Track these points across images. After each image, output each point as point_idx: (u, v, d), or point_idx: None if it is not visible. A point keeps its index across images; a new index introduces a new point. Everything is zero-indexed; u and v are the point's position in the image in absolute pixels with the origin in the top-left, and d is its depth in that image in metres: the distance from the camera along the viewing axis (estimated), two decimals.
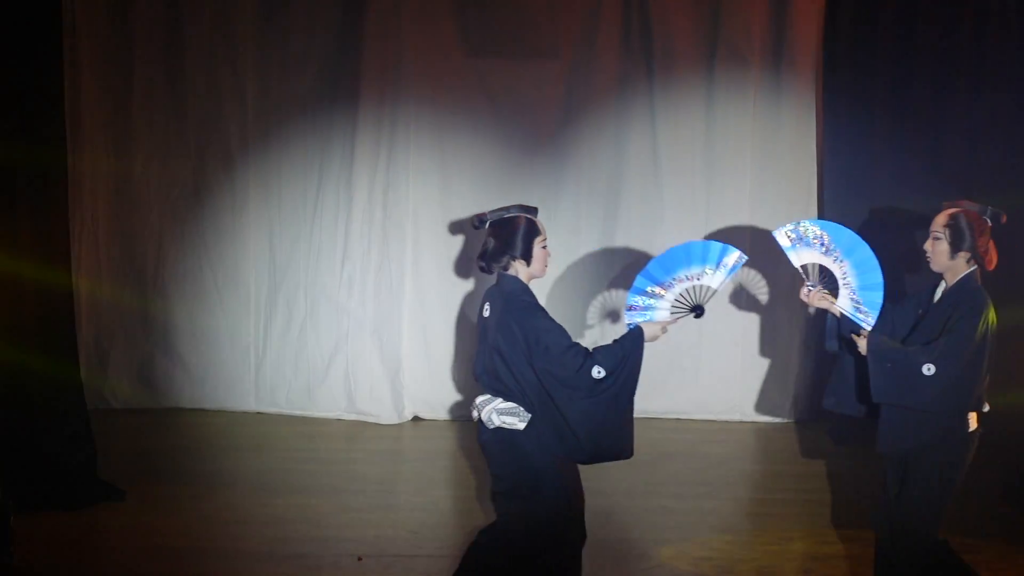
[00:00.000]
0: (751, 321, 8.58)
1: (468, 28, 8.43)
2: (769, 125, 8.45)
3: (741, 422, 8.61)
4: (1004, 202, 7.76)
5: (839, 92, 8.29)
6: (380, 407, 8.54)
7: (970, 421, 4.69)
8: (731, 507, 6.74)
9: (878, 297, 4.69)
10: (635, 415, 4.59)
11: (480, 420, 4.58)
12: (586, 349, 4.49)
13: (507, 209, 4.66)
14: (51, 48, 6.48)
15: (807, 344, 8.47)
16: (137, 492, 6.70)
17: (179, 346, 8.73)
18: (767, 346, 8.58)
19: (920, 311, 4.83)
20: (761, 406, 8.64)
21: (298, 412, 8.64)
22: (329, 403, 8.62)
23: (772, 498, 6.83)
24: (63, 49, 6.80)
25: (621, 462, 4.64)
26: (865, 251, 4.70)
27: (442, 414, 8.67)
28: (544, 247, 4.64)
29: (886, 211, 8.20)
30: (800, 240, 4.75)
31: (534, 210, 4.67)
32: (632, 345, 4.54)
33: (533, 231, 4.60)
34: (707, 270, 4.68)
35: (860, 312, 4.69)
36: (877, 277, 4.69)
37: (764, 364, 8.62)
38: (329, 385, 8.60)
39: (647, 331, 4.60)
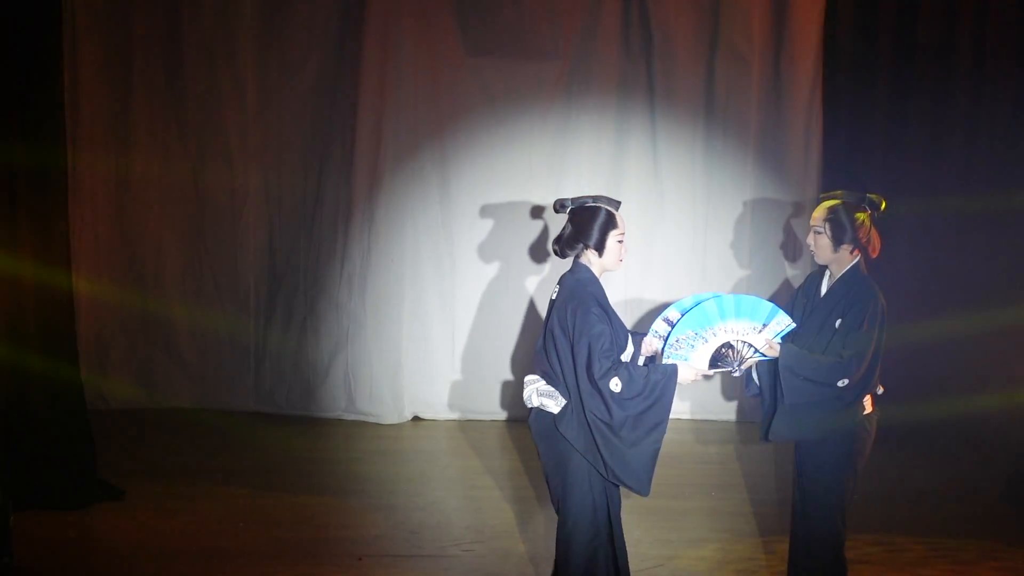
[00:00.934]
0: None
1: (468, 28, 8.44)
2: (769, 125, 8.45)
3: (741, 422, 8.62)
4: (1004, 201, 7.84)
5: (839, 92, 8.29)
6: (380, 407, 8.54)
7: (865, 404, 4.69)
8: (732, 507, 6.74)
9: (777, 319, 4.59)
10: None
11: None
12: (620, 360, 4.45)
13: (590, 198, 4.60)
14: (51, 48, 6.48)
15: None
16: (137, 492, 6.70)
17: (179, 346, 8.74)
18: None
19: (804, 301, 4.82)
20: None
21: (298, 412, 8.64)
22: (329, 403, 8.62)
23: (772, 498, 6.83)
24: (63, 49, 6.80)
25: None
26: (723, 300, 4.58)
27: (442, 414, 8.67)
28: (620, 241, 4.56)
29: (885, 209, 8.19)
30: (685, 344, 4.58)
31: (616, 203, 4.59)
32: (664, 378, 4.43)
33: (610, 223, 4.54)
34: (756, 327, 4.54)
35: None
36: (760, 308, 4.57)
37: None
38: (329, 385, 8.60)
39: (682, 372, 4.50)
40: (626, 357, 4.55)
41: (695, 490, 7.00)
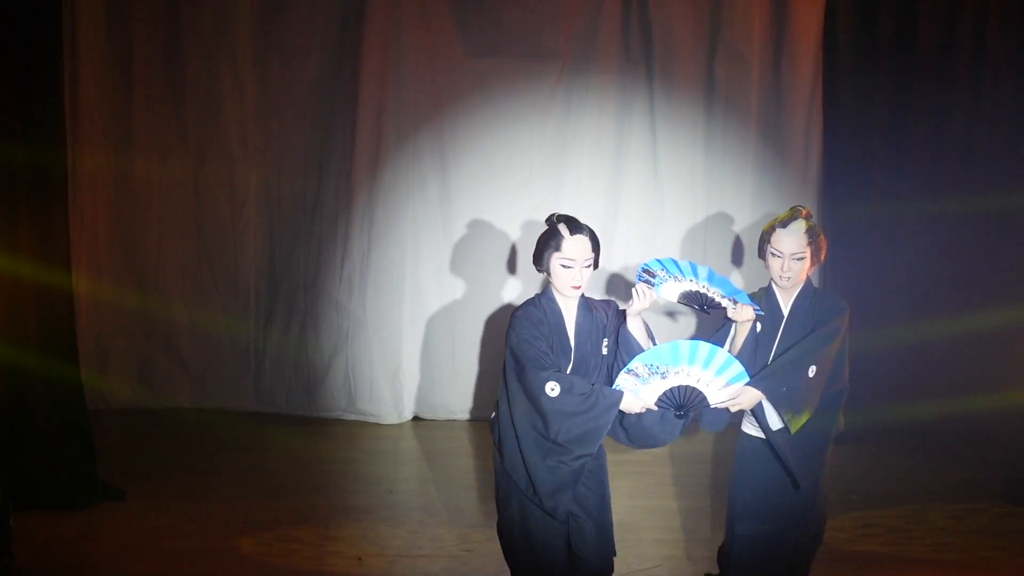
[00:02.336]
0: None
1: (468, 28, 8.43)
2: (769, 125, 8.45)
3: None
4: (1005, 200, 7.84)
5: (839, 92, 8.29)
6: (380, 407, 8.54)
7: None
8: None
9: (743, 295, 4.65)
10: (639, 414, 4.53)
11: None
12: (559, 371, 4.42)
13: (558, 217, 4.52)
14: (51, 48, 6.48)
15: None
16: (137, 492, 6.70)
17: (179, 346, 8.73)
18: None
19: (766, 324, 4.72)
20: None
21: (298, 412, 8.64)
22: (329, 403, 8.62)
23: None
24: (63, 49, 6.80)
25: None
26: (703, 270, 4.61)
27: (442, 414, 8.67)
28: (565, 266, 4.45)
29: (886, 210, 8.21)
30: (662, 275, 4.56)
31: (576, 227, 4.47)
32: (605, 401, 4.36)
33: (551, 246, 4.47)
34: (705, 375, 4.43)
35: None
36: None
37: None
38: (329, 385, 8.60)
39: (626, 401, 4.40)
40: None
41: (695, 490, 6.99)
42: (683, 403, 4.44)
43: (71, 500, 6.42)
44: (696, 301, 4.56)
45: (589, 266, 4.51)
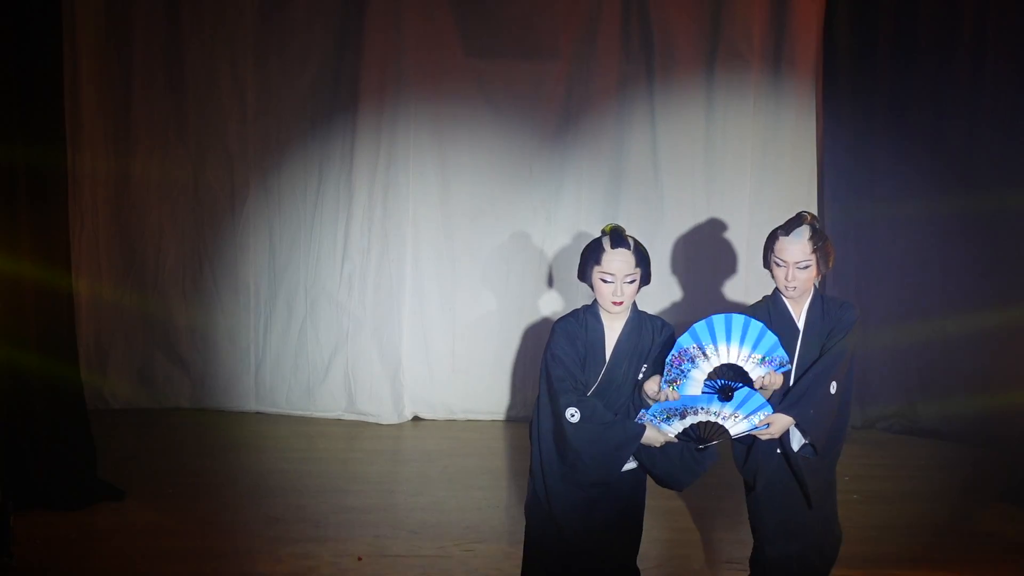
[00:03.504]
0: None
1: (468, 28, 8.43)
2: (769, 125, 8.45)
3: None
4: (1005, 200, 7.84)
5: (839, 92, 8.30)
6: (380, 407, 8.54)
7: None
8: (732, 506, 6.74)
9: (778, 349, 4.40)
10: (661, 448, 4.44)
11: None
12: (583, 395, 4.34)
13: (610, 232, 4.44)
14: (51, 48, 6.48)
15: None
16: (137, 492, 6.70)
17: (179, 346, 8.73)
18: None
19: (781, 337, 4.53)
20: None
21: (298, 412, 8.64)
22: (329, 403, 8.62)
23: None
24: (63, 49, 6.80)
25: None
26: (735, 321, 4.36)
27: (442, 414, 8.67)
28: (605, 280, 4.35)
29: (886, 210, 8.22)
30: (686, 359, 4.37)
31: (623, 241, 4.39)
32: (625, 433, 4.27)
33: (592, 259, 4.38)
34: (725, 410, 4.33)
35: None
36: (768, 338, 4.36)
37: None
38: (329, 385, 8.60)
39: (649, 433, 4.29)
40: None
41: (695, 490, 6.95)
42: (704, 437, 4.31)
43: (71, 500, 6.42)
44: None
45: (633, 281, 4.36)
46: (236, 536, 6.13)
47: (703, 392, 4.31)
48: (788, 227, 4.54)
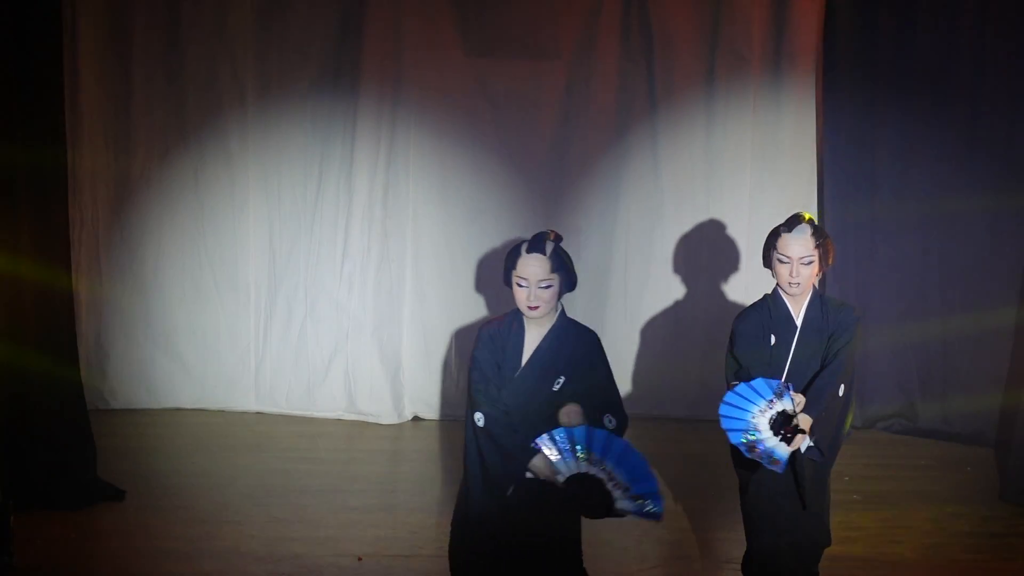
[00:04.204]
0: None
1: (468, 28, 8.43)
2: (769, 125, 8.45)
3: None
4: (1005, 200, 7.84)
5: (839, 92, 8.30)
6: (380, 407, 8.54)
7: None
8: (731, 507, 6.73)
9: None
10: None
11: None
12: (496, 401, 4.33)
13: (544, 234, 4.41)
14: (51, 47, 6.48)
15: None
16: (137, 492, 6.70)
17: (179, 346, 8.73)
18: None
19: (779, 334, 4.63)
20: None
21: (298, 412, 8.63)
22: (329, 403, 8.62)
23: None
24: (63, 48, 6.80)
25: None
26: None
27: (442, 414, 8.67)
28: (519, 285, 4.29)
29: (887, 210, 8.21)
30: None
31: (538, 243, 4.34)
32: (521, 453, 4.19)
33: (510, 262, 4.36)
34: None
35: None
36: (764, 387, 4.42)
37: None
38: (329, 385, 8.59)
39: (538, 461, 4.18)
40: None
41: (695, 490, 6.99)
42: (583, 493, 4.10)
43: (71, 500, 6.42)
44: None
45: (549, 287, 4.27)
46: (235, 536, 6.13)
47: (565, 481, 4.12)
48: (790, 224, 4.63)
